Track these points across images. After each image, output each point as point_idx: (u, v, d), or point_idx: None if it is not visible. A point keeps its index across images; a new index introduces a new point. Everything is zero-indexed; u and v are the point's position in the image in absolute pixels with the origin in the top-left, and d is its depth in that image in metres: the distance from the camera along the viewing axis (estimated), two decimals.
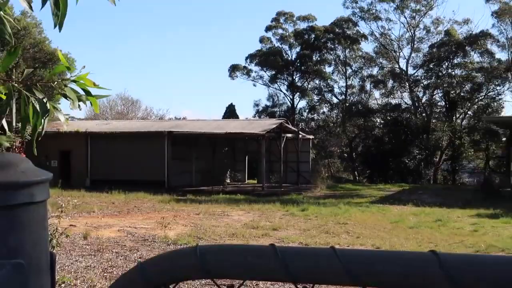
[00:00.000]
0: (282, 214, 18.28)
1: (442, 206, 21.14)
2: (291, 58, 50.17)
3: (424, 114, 45.29)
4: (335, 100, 50.14)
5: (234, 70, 51.37)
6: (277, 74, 50.38)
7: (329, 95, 50.11)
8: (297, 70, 49.75)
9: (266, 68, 50.40)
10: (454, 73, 44.45)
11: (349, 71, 49.19)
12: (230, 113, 51.34)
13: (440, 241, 13.10)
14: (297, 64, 49.56)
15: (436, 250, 0.71)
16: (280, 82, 51.13)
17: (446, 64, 44.58)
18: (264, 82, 51.46)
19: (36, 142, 2.01)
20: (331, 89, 49.79)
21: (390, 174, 40.56)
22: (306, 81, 50.16)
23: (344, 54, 48.72)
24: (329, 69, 49.70)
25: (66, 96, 2.02)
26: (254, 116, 51.75)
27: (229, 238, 12.91)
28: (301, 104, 51.33)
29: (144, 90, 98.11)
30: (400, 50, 48.21)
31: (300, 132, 34.28)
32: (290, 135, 32.70)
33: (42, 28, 34.99)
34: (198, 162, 31.59)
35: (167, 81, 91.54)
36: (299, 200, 23.27)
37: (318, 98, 50.23)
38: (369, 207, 21.14)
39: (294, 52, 50.18)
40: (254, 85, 53.59)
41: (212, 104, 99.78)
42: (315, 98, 50.22)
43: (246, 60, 51.17)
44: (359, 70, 49.13)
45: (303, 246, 9.79)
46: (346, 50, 48.34)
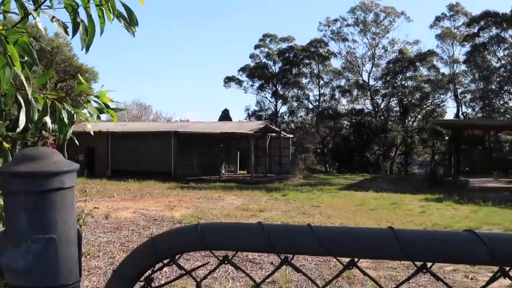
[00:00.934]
0: (267, 198, 18.29)
1: (397, 192, 21.24)
2: (275, 71, 49.94)
3: (382, 118, 45.41)
4: (311, 106, 50.08)
5: (229, 80, 51.19)
6: (263, 84, 50.22)
7: (305, 102, 49.99)
8: (279, 81, 49.61)
9: (254, 79, 50.16)
10: (406, 84, 44.57)
11: (321, 83, 49.09)
12: (225, 116, 51.14)
13: (395, 220, 13.18)
14: (279, 76, 49.40)
15: (392, 227, 0.71)
16: (266, 91, 50.90)
17: (400, 76, 44.69)
18: (253, 90, 51.29)
19: (64, 146, 2.02)
20: (307, 97, 49.75)
21: (355, 166, 40.72)
22: (287, 90, 50.02)
23: (317, 68, 48.63)
24: (305, 80, 49.51)
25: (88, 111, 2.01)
26: (245, 118, 51.55)
27: (224, 218, 12.90)
28: (283, 109, 51.18)
29: (155, 97, 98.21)
30: (363, 65, 48.33)
31: (281, 132, 34.27)
32: (273, 134, 32.70)
33: (72, 46, 34.84)
34: (199, 156, 31.46)
35: (174, 89, 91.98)
36: (281, 187, 23.29)
37: (296, 104, 50.07)
38: (337, 193, 21.19)
39: (277, 67, 49.94)
40: (245, 92, 53.49)
41: (210, 108, 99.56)
42: (294, 104, 50.08)
43: (238, 72, 51.03)
44: (330, 81, 49.06)
45: (285, 224, 9.80)
46: (319, 65, 48.27)
